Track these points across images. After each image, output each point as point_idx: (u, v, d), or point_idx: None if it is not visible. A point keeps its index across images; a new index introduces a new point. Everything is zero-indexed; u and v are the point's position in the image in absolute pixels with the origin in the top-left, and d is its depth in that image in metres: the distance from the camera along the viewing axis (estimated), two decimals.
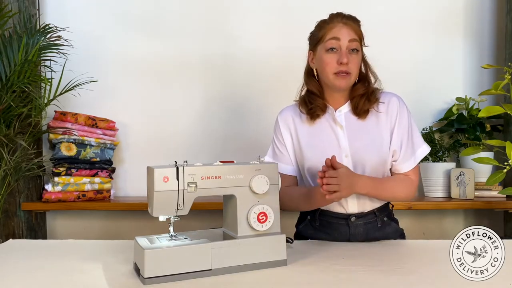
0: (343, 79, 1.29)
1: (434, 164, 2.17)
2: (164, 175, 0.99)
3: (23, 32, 1.98)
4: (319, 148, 1.34)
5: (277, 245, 1.07)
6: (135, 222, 2.34)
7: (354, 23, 1.31)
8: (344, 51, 1.28)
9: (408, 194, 1.36)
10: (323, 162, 1.28)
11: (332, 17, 1.33)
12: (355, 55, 1.30)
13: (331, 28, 1.30)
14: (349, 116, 1.36)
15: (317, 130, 1.37)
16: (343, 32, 1.28)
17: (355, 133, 1.33)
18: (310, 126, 1.38)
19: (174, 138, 2.36)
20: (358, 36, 1.31)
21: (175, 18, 2.37)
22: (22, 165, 2.00)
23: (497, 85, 1.92)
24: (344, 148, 1.33)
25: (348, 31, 1.29)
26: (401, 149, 1.34)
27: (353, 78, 1.31)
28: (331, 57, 1.29)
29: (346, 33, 1.28)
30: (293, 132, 1.40)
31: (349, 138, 1.33)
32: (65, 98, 2.16)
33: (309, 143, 1.37)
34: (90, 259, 1.13)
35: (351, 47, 1.29)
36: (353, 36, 1.29)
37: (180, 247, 0.99)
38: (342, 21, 1.30)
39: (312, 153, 1.35)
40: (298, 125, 1.40)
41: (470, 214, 2.36)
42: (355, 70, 1.31)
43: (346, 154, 1.33)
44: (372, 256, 1.17)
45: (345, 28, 1.29)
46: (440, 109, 2.34)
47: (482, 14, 2.35)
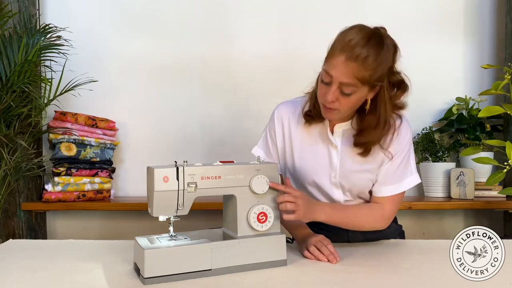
0: (330, 113, 1.16)
1: (434, 164, 2.17)
2: (164, 175, 0.99)
3: (23, 32, 1.98)
4: (309, 162, 1.28)
5: (277, 245, 1.07)
6: (135, 222, 2.34)
7: (364, 60, 1.05)
8: (334, 89, 1.09)
9: (375, 225, 1.25)
10: (309, 177, 1.27)
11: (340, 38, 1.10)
12: (346, 97, 1.10)
13: (332, 57, 1.09)
14: (348, 135, 1.24)
15: (311, 140, 1.28)
16: (339, 70, 1.07)
17: (348, 157, 1.24)
18: (305, 132, 1.29)
19: (174, 138, 2.36)
20: (360, 79, 1.06)
21: (175, 18, 2.37)
22: (22, 165, 2.00)
23: (497, 85, 1.93)
24: (335, 168, 1.26)
25: (345, 72, 1.06)
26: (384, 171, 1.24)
27: (342, 113, 1.16)
28: (322, 88, 1.13)
29: (342, 73, 1.07)
30: (286, 135, 1.32)
31: (341, 160, 1.25)
32: (65, 98, 2.16)
33: (301, 153, 1.29)
34: (90, 259, 1.13)
35: (342, 89, 1.09)
36: (348, 80, 1.06)
37: (180, 247, 0.99)
38: (347, 55, 1.05)
39: (300, 164, 1.29)
40: (293, 129, 1.31)
41: (470, 214, 2.36)
42: (345, 109, 1.14)
43: (335, 175, 1.26)
44: (372, 256, 1.17)
45: (344, 66, 1.06)
46: (440, 109, 2.34)
47: (482, 14, 2.35)
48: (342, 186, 1.28)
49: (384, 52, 1.08)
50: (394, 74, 1.15)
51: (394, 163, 1.24)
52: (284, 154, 1.34)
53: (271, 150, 1.35)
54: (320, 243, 1.15)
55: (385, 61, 1.08)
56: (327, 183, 1.28)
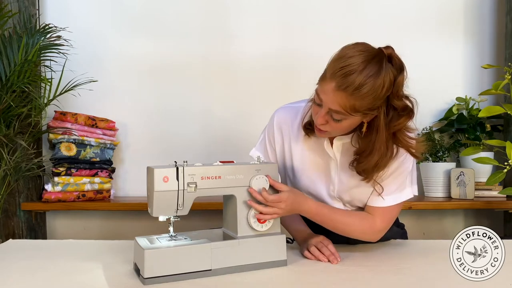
0: (321, 133, 1.12)
1: (434, 164, 2.17)
2: (164, 175, 0.99)
3: (23, 32, 1.98)
4: (308, 173, 1.25)
5: (277, 245, 1.07)
6: (135, 222, 2.34)
7: (353, 94, 0.99)
8: (323, 113, 1.05)
9: (363, 236, 1.19)
10: (307, 186, 1.25)
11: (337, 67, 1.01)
12: (336, 123, 1.06)
13: (324, 80, 1.04)
14: (347, 148, 1.18)
15: (310, 151, 1.24)
16: (329, 97, 1.02)
17: (347, 170, 1.18)
18: (305, 143, 1.24)
19: (174, 138, 2.36)
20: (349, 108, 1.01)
21: (175, 18, 2.37)
22: (22, 165, 2.00)
23: (497, 85, 1.93)
24: (333, 181, 1.23)
25: (333, 100, 1.01)
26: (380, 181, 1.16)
27: (335, 134, 1.14)
28: (314, 108, 1.09)
29: (331, 100, 1.02)
30: (286, 144, 1.28)
31: (339, 173, 1.21)
32: (65, 98, 2.16)
33: (300, 163, 1.25)
34: (90, 259, 1.13)
35: (332, 114, 1.04)
36: (336, 108, 1.01)
37: (180, 247, 0.99)
38: (337, 82, 0.99)
39: (299, 174, 1.26)
40: (293, 138, 1.26)
41: (470, 214, 2.36)
42: (337, 132, 1.12)
43: (333, 189, 1.24)
44: (372, 256, 1.17)
45: (332, 95, 1.01)
46: (440, 109, 2.34)
47: (482, 14, 2.35)
48: (341, 198, 1.25)
49: (382, 78, 0.99)
50: (397, 99, 1.04)
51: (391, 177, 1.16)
52: (283, 160, 1.31)
53: (270, 155, 1.32)
54: (321, 244, 1.15)
55: (381, 88, 1.00)
56: (325, 196, 1.26)
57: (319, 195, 1.26)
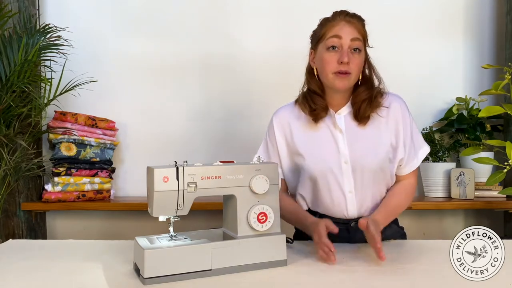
0: (342, 79, 1.24)
1: (434, 164, 2.17)
2: (164, 175, 0.99)
3: (23, 32, 1.98)
4: (318, 154, 1.30)
5: (277, 245, 1.07)
6: (135, 222, 2.34)
7: (358, 21, 1.26)
8: (346, 50, 1.23)
9: (411, 199, 1.38)
10: (322, 169, 1.27)
11: (335, 14, 1.28)
12: (357, 55, 1.25)
13: (333, 26, 1.25)
14: (349, 120, 1.31)
15: (315, 134, 1.33)
16: (346, 30, 1.23)
17: (354, 138, 1.29)
18: (307, 129, 1.34)
19: (174, 138, 2.36)
20: (362, 35, 1.26)
21: (175, 18, 2.37)
22: (22, 165, 2.00)
23: (497, 85, 1.92)
24: (343, 154, 1.29)
25: (351, 30, 1.24)
26: (405, 153, 1.32)
27: (353, 79, 1.26)
28: (332, 55, 1.24)
29: (349, 31, 1.23)
30: (288, 136, 1.36)
31: (348, 143, 1.29)
32: (65, 98, 2.16)
33: (307, 149, 1.32)
34: (90, 259, 1.13)
35: (353, 46, 1.24)
36: (356, 35, 1.24)
37: (180, 247, 0.99)
38: (345, 19, 1.25)
39: (310, 160, 1.31)
40: (294, 129, 1.35)
41: (470, 214, 2.36)
42: (357, 71, 1.26)
43: (346, 161, 1.29)
44: (372, 256, 1.17)
45: (348, 26, 1.24)
46: (440, 109, 2.34)
47: (482, 14, 2.35)
48: (354, 170, 1.28)
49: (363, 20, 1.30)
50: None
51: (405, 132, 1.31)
52: (288, 158, 1.36)
53: (271, 156, 1.38)
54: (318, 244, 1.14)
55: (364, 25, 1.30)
56: (338, 171, 1.28)
57: (332, 171, 1.29)
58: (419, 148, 1.36)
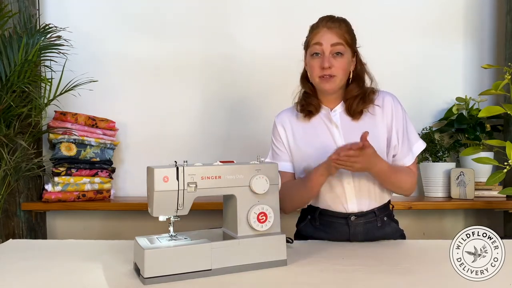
0: (328, 82, 1.32)
1: (434, 164, 2.17)
2: (164, 175, 0.99)
3: (23, 32, 1.98)
4: (316, 146, 1.36)
5: (277, 245, 1.07)
6: (135, 222, 2.34)
7: (340, 26, 1.32)
8: (327, 55, 1.31)
9: (411, 186, 1.38)
10: (321, 161, 1.29)
11: (318, 21, 1.36)
12: (340, 58, 1.31)
13: (315, 34, 1.34)
14: (344, 116, 1.38)
15: (313, 129, 1.40)
16: (326, 37, 1.31)
17: (350, 133, 1.34)
18: (306, 125, 1.41)
19: (174, 138, 2.36)
20: (344, 39, 1.32)
21: (175, 18, 2.37)
22: (22, 165, 2.00)
23: (497, 85, 1.92)
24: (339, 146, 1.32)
25: (331, 36, 1.31)
26: (399, 146, 1.37)
27: (338, 81, 1.33)
28: (315, 61, 1.33)
29: (329, 37, 1.31)
30: (289, 131, 1.44)
31: (345, 137, 1.35)
32: (65, 98, 2.16)
33: (306, 142, 1.39)
34: (90, 259, 1.13)
35: (334, 51, 1.31)
36: (336, 40, 1.31)
37: (180, 247, 0.99)
38: (326, 25, 1.32)
39: (309, 152, 1.37)
40: (294, 125, 1.43)
41: (470, 214, 2.36)
42: (341, 73, 1.32)
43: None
44: (372, 256, 1.17)
45: (329, 32, 1.31)
46: (440, 109, 2.34)
47: (482, 14, 2.35)
48: None
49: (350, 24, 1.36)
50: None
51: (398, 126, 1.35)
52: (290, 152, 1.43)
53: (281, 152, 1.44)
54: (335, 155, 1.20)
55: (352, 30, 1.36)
56: None
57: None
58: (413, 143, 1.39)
